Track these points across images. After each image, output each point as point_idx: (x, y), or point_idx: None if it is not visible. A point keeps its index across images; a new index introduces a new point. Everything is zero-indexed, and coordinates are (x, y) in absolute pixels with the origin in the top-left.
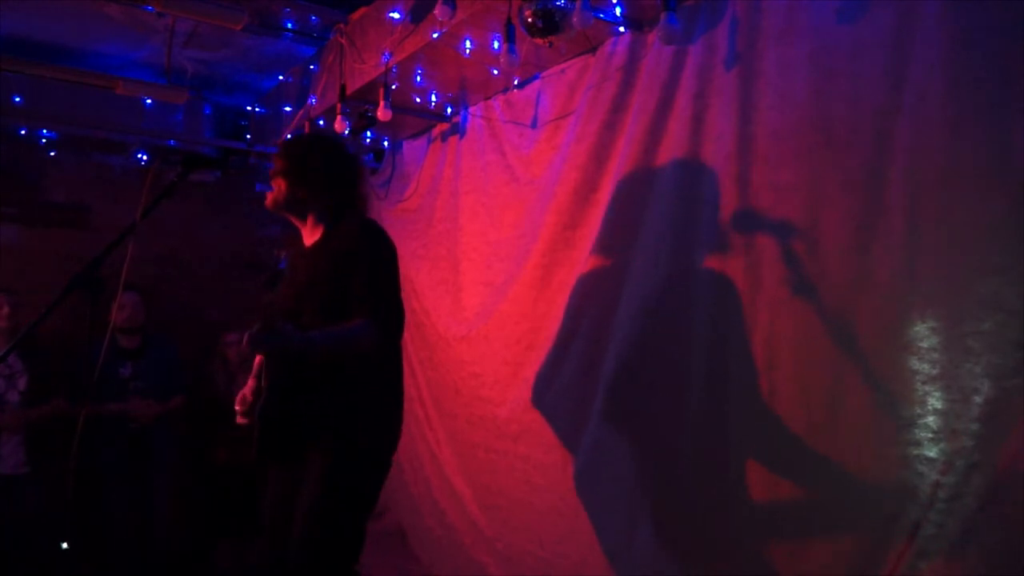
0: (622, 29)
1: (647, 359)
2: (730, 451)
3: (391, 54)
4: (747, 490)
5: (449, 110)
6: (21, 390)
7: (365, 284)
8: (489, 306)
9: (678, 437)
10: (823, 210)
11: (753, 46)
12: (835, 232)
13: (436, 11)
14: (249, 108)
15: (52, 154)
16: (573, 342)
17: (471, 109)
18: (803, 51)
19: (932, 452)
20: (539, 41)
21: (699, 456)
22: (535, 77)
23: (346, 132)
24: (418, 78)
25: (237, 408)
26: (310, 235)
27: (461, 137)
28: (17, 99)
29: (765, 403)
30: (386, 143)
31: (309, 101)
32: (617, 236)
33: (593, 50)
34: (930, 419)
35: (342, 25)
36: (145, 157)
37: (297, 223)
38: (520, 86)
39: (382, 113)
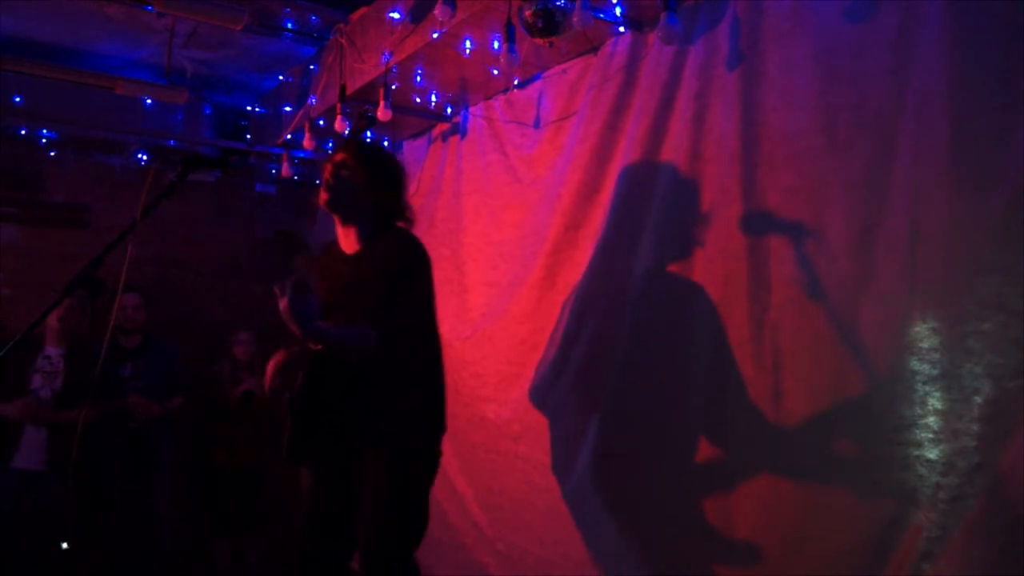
0: (622, 29)
1: (650, 359)
2: (732, 451)
3: (391, 54)
4: (749, 490)
5: (449, 110)
6: (55, 389)
7: (380, 296)
8: (495, 307)
9: (680, 437)
10: (827, 211)
11: (756, 46)
12: (838, 233)
13: (436, 11)
14: (249, 108)
15: (52, 154)
16: (576, 342)
17: (471, 109)
18: (807, 51)
19: (933, 454)
20: (539, 41)
21: (701, 455)
22: (536, 77)
23: (346, 132)
24: (418, 78)
25: (271, 371)
26: (350, 241)
27: (462, 137)
28: (17, 99)
29: (768, 403)
30: (386, 143)
31: (309, 101)
32: (620, 236)
33: (594, 50)
34: (931, 419)
35: (342, 25)
36: (145, 157)
37: (341, 226)
38: (521, 86)
39: (382, 113)
